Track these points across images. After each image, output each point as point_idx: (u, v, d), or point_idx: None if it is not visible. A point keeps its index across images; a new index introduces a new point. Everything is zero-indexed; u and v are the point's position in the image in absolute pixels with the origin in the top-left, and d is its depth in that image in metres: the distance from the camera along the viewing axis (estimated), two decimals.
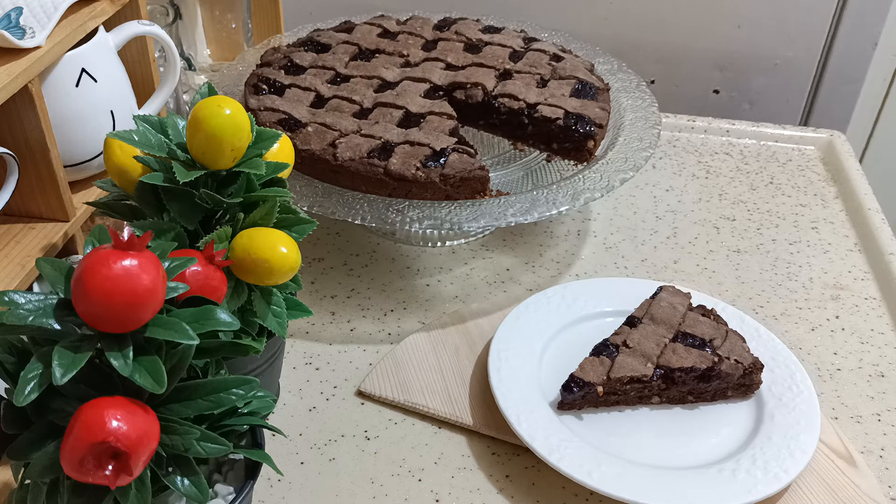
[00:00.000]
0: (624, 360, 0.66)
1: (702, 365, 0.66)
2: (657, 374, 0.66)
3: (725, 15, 1.13)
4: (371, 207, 0.71)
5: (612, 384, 0.65)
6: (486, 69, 0.85)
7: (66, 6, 0.63)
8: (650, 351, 0.67)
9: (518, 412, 0.64)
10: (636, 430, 0.65)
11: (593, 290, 0.77)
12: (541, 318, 0.74)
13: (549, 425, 0.64)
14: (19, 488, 0.46)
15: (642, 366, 0.66)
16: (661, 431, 0.66)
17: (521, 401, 0.65)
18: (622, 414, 0.67)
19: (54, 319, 0.42)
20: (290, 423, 0.67)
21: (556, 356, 0.71)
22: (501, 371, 0.68)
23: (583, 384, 0.65)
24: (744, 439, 0.65)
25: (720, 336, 0.69)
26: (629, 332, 0.69)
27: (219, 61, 1.03)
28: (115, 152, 0.55)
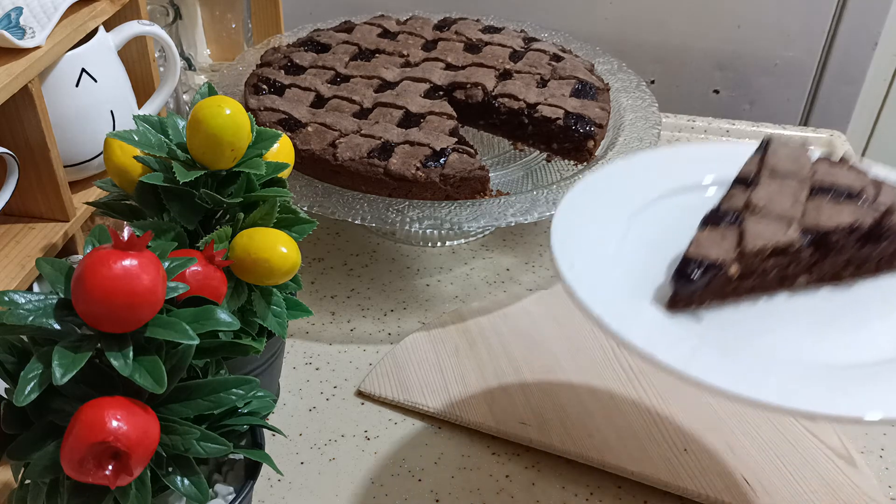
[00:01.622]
0: (756, 226, 0.49)
1: (866, 219, 0.49)
2: (806, 239, 0.49)
3: (725, 15, 1.13)
4: (371, 207, 0.71)
5: (749, 260, 0.48)
6: (486, 69, 0.85)
7: (66, 6, 0.63)
8: (788, 211, 0.50)
9: (619, 316, 0.46)
10: (780, 324, 0.48)
11: (673, 160, 0.61)
12: (604, 203, 0.57)
13: (666, 330, 0.47)
14: (19, 488, 0.46)
15: (783, 230, 0.49)
16: (821, 321, 0.49)
17: (615, 303, 0.48)
18: (756, 307, 0.50)
19: (54, 319, 0.42)
20: (290, 423, 0.67)
21: (641, 243, 0.53)
22: (575, 266, 0.50)
23: (707, 266, 0.47)
24: None
25: (870, 186, 0.52)
26: (748, 193, 0.52)
27: (219, 61, 1.03)
28: (115, 152, 0.55)
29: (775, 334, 0.48)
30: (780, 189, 0.52)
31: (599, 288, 0.48)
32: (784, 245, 0.48)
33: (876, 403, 0.42)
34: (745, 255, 0.47)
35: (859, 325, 0.49)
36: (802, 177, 0.53)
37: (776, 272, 0.49)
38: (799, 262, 0.49)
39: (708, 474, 0.63)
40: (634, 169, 0.60)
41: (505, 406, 0.67)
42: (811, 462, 0.64)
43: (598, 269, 0.50)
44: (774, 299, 0.50)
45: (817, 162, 0.55)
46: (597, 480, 0.63)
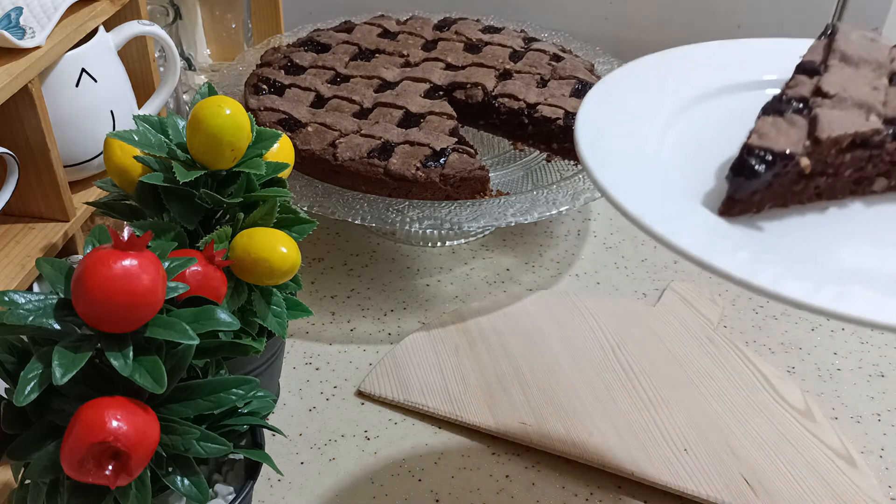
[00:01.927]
0: (830, 113, 0.41)
1: None
2: (891, 130, 0.41)
3: (725, 15, 1.13)
4: (371, 207, 0.71)
5: (823, 152, 0.40)
6: (486, 69, 0.85)
7: (66, 6, 0.63)
8: (867, 98, 0.42)
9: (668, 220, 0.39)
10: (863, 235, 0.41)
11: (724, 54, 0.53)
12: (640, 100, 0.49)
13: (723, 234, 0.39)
14: (19, 488, 0.46)
15: (863, 118, 0.41)
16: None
17: (659, 204, 0.40)
18: (823, 214, 0.42)
19: (54, 319, 0.42)
20: (289, 423, 0.67)
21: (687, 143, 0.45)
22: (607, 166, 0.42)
23: (773, 157, 0.39)
24: None
25: None
26: (817, 80, 0.45)
27: (219, 61, 1.03)
28: (115, 152, 0.55)
29: (853, 245, 0.40)
30: (855, 75, 0.44)
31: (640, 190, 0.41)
32: (867, 134, 0.40)
33: None
34: (821, 146, 0.40)
35: None
36: (880, 62, 0.45)
37: (852, 172, 0.41)
38: (881, 159, 0.41)
39: (708, 474, 0.63)
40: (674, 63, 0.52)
41: (505, 406, 0.67)
42: (811, 462, 0.64)
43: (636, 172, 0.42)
44: (848, 208, 0.42)
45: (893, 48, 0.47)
46: (597, 480, 0.63)
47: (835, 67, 0.46)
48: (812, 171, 0.40)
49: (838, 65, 0.46)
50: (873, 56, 0.46)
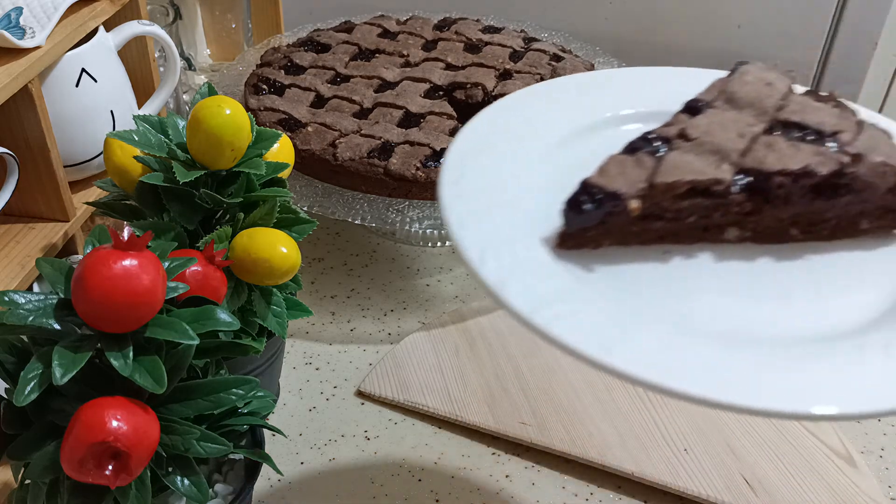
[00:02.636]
0: (680, 157, 0.40)
1: (822, 167, 0.39)
2: (740, 181, 0.39)
3: (725, 15, 1.13)
4: (371, 207, 0.71)
5: (657, 197, 0.39)
6: (487, 69, 0.85)
7: (66, 6, 0.63)
8: (727, 144, 0.41)
9: (484, 245, 0.39)
10: (696, 286, 0.39)
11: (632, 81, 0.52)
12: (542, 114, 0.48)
13: (538, 268, 0.39)
14: (19, 488, 0.46)
15: (712, 167, 0.39)
16: (741, 290, 0.39)
17: (494, 231, 0.40)
18: (665, 263, 0.40)
19: (54, 319, 0.42)
20: (290, 423, 0.67)
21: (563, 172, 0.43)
22: (465, 180, 0.42)
23: (603, 196, 0.38)
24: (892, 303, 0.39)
25: (849, 128, 0.42)
26: (689, 121, 0.43)
27: (219, 61, 1.03)
28: (115, 152, 0.55)
29: (689, 296, 0.38)
30: (731, 119, 0.42)
31: (479, 214, 0.40)
32: (706, 184, 0.39)
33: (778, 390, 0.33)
34: (655, 190, 0.39)
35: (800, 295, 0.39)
36: (765, 108, 0.43)
37: (697, 218, 0.40)
38: (728, 208, 0.40)
39: (708, 474, 0.63)
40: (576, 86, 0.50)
41: (505, 406, 0.67)
42: (811, 462, 0.64)
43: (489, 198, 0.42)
44: (699, 255, 0.41)
45: (795, 94, 0.45)
46: (597, 480, 0.63)
47: (716, 109, 0.45)
48: (646, 214, 0.39)
49: (722, 106, 0.45)
50: (761, 101, 0.44)
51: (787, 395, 0.33)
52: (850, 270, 0.41)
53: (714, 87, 0.47)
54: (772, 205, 0.40)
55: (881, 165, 0.40)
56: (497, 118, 0.47)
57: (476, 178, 0.43)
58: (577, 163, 0.43)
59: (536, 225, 0.41)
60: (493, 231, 0.40)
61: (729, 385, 0.33)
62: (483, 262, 0.38)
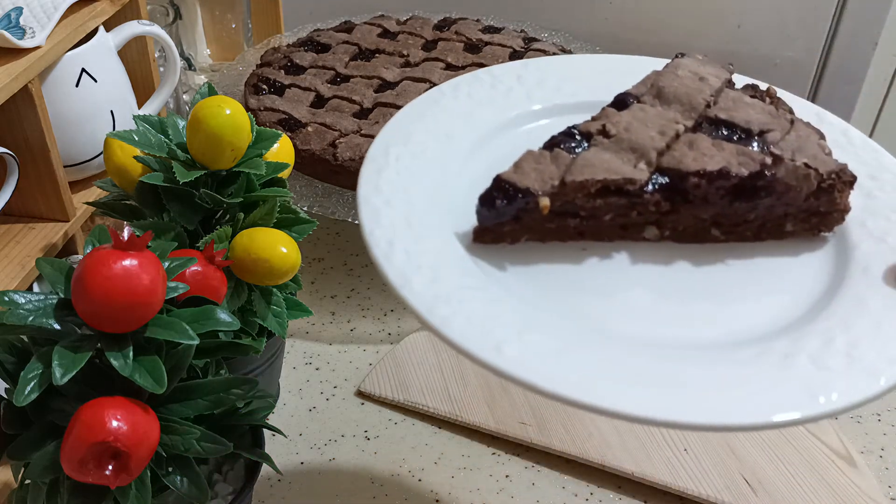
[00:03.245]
0: (596, 155, 0.39)
1: (740, 168, 0.39)
2: (656, 180, 0.39)
3: (725, 15, 1.13)
4: None
5: (569, 194, 0.39)
6: None
7: (66, 6, 0.63)
8: (646, 143, 0.40)
9: (392, 238, 0.38)
10: (610, 284, 0.39)
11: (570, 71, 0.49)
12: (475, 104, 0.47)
13: (449, 265, 0.38)
14: (19, 488, 0.46)
15: (628, 165, 0.39)
16: (655, 288, 0.39)
17: (406, 223, 0.39)
18: (580, 264, 0.40)
19: (54, 319, 0.42)
20: (289, 423, 0.67)
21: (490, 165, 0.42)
22: (384, 173, 0.42)
23: (514, 192, 0.38)
24: (810, 305, 0.38)
25: (780, 127, 0.41)
26: (614, 116, 0.43)
27: (219, 61, 1.03)
28: (115, 152, 0.55)
29: (598, 295, 0.38)
30: (655, 115, 0.41)
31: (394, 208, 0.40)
32: (619, 183, 0.38)
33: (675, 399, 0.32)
34: (565, 188, 0.38)
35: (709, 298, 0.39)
36: (693, 104, 0.42)
37: (613, 217, 0.39)
38: (644, 207, 0.39)
39: (708, 474, 0.63)
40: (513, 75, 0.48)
41: (505, 406, 0.67)
42: (811, 462, 0.64)
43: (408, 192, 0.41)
44: (616, 254, 0.40)
45: (729, 90, 0.44)
46: (597, 480, 0.63)
47: (643, 104, 0.43)
48: (558, 211, 0.39)
49: (650, 101, 0.44)
50: (690, 97, 0.43)
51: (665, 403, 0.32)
52: (769, 274, 0.40)
53: (647, 79, 0.45)
54: (690, 205, 0.39)
55: (803, 168, 0.39)
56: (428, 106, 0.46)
57: (396, 171, 0.42)
58: (503, 156, 0.42)
59: (453, 220, 0.40)
60: (404, 224, 0.39)
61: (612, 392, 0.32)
62: (389, 255, 0.37)
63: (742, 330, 0.36)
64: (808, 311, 0.37)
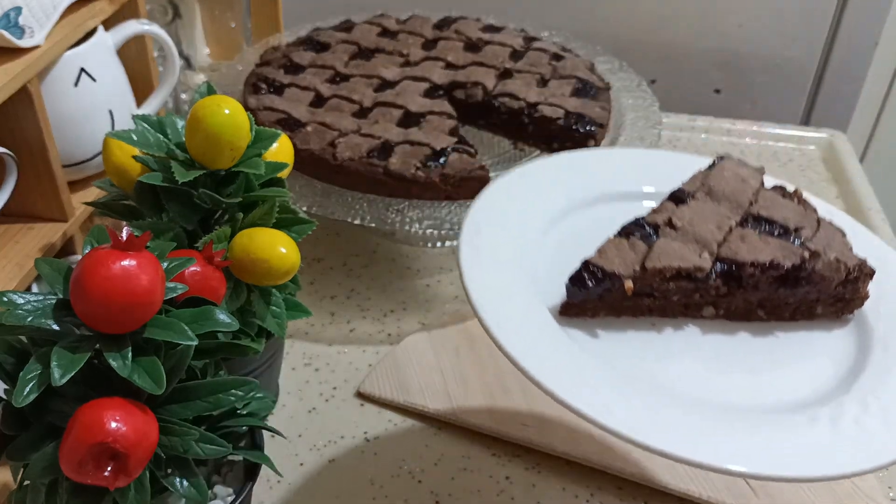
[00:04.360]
0: (668, 244, 0.46)
1: (786, 261, 0.46)
2: (717, 269, 0.46)
3: (726, 14, 1.13)
4: (371, 207, 0.71)
5: (648, 279, 0.46)
6: (487, 68, 0.85)
7: (64, 6, 0.63)
8: (707, 236, 0.47)
9: (499, 314, 0.43)
10: (678, 355, 0.46)
11: (621, 162, 0.58)
12: (544, 191, 0.54)
13: (546, 334, 0.44)
14: (18, 489, 0.46)
15: (695, 255, 0.46)
16: (716, 360, 0.46)
17: (506, 299, 0.45)
18: (657, 332, 0.47)
19: (53, 320, 0.42)
20: (289, 425, 0.67)
21: (563, 244, 0.50)
22: (481, 253, 0.47)
23: (603, 275, 0.45)
24: (842, 375, 0.45)
25: (810, 225, 0.49)
26: (675, 210, 0.50)
27: (218, 61, 1.03)
28: (113, 152, 0.55)
29: (671, 363, 0.46)
30: (710, 211, 0.49)
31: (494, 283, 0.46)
32: (689, 270, 0.46)
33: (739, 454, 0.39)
34: (646, 273, 0.45)
35: (763, 369, 0.47)
36: (740, 202, 0.50)
37: (680, 297, 0.46)
38: (707, 291, 0.46)
39: (708, 474, 0.63)
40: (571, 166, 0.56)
41: (505, 407, 0.67)
42: None
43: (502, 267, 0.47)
44: (682, 328, 0.48)
45: (765, 190, 0.52)
46: (597, 481, 0.63)
47: (697, 200, 0.51)
48: (636, 292, 0.45)
49: (703, 198, 0.51)
50: (736, 195, 0.51)
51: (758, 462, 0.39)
52: (806, 349, 0.47)
53: (696, 178, 0.53)
54: (743, 290, 0.47)
55: (835, 262, 0.46)
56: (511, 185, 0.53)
57: (488, 243, 0.48)
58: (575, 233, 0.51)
59: (543, 295, 0.46)
60: (505, 298, 0.45)
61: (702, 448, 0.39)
62: (498, 325, 0.43)
63: (795, 396, 0.44)
64: (842, 382, 0.45)
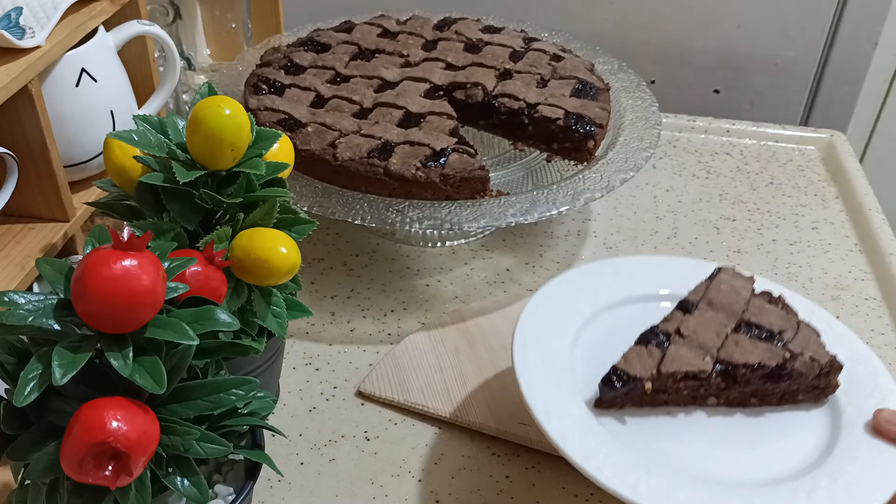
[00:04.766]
0: (677, 351, 0.58)
1: (771, 361, 0.57)
2: (717, 370, 0.57)
3: (726, 15, 1.13)
4: (371, 207, 0.71)
5: (663, 380, 0.57)
6: (486, 69, 0.85)
7: (65, 6, 0.63)
8: (709, 342, 0.59)
9: (547, 408, 0.55)
10: (690, 436, 0.58)
11: (638, 269, 0.69)
12: (572, 299, 0.65)
13: (585, 426, 0.56)
14: (19, 489, 0.46)
15: (699, 359, 0.58)
16: (719, 439, 0.58)
17: (551, 395, 0.57)
18: (671, 417, 0.59)
19: (54, 320, 0.42)
20: (289, 424, 0.67)
21: (594, 343, 0.62)
22: (528, 358, 0.59)
23: (627, 378, 0.56)
24: (818, 453, 0.57)
25: (791, 328, 0.60)
26: (683, 319, 0.61)
27: (219, 61, 1.03)
28: (114, 152, 0.55)
29: (682, 444, 0.57)
30: (710, 319, 0.61)
31: (542, 383, 0.57)
32: (695, 372, 0.58)
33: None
34: (661, 376, 0.57)
35: (754, 447, 0.58)
36: (734, 311, 0.62)
37: (688, 392, 0.59)
38: (710, 387, 0.59)
39: None
40: (599, 273, 0.69)
41: (505, 406, 0.67)
42: None
43: (547, 368, 0.59)
44: (691, 414, 0.60)
45: (754, 297, 0.64)
46: None
47: (700, 310, 0.62)
48: (654, 390, 0.57)
49: (704, 308, 0.62)
50: (730, 305, 0.62)
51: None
52: (790, 429, 0.59)
53: (699, 289, 0.65)
54: (738, 384, 0.59)
55: (810, 361, 0.58)
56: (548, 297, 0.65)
57: (535, 346, 0.60)
58: (605, 333, 0.64)
59: (580, 390, 0.59)
60: (551, 396, 0.57)
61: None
62: (548, 421, 0.55)
63: (780, 471, 0.55)
64: (818, 458, 0.56)
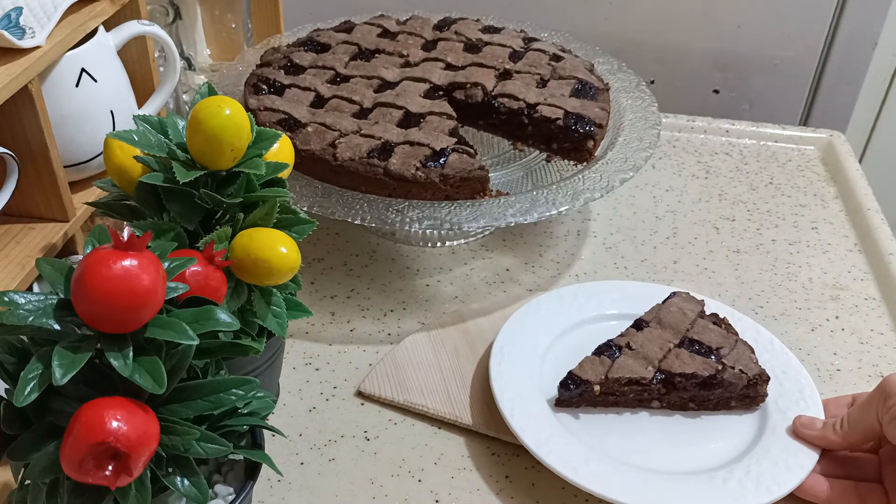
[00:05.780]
0: (625, 361, 0.66)
1: (704, 372, 0.65)
2: (657, 377, 0.66)
3: (725, 15, 1.13)
4: (371, 207, 0.71)
5: (610, 384, 0.65)
6: (486, 69, 0.85)
7: (66, 6, 0.63)
8: (652, 354, 0.67)
9: (513, 406, 0.65)
10: (632, 432, 0.65)
11: (605, 292, 0.77)
12: (549, 316, 0.74)
13: (544, 421, 0.64)
14: (19, 489, 0.46)
15: (643, 368, 0.66)
16: (658, 436, 0.65)
17: (519, 395, 0.66)
18: (620, 416, 0.67)
19: (54, 320, 0.42)
20: (289, 424, 0.67)
21: (561, 356, 0.70)
22: (502, 365, 0.68)
23: (580, 382, 0.65)
24: (741, 450, 0.64)
25: (728, 345, 0.68)
26: (634, 335, 0.69)
27: (219, 61, 1.03)
28: (114, 152, 0.55)
29: (626, 439, 0.65)
30: (658, 336, 0.69)
31: (512, 387, 0.66)
32: (637, 379, 0.66)
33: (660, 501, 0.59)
34: (609, 381, 0.66)
35: (686, 444, 0.65)
36: (679, 329, 0.70)
37: (634, 395, 0.67)
38: (652, 392, 0.66)
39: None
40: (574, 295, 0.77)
41: None
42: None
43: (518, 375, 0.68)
44: (637, 414, 0.67)
45: (701, 318, 0.72)
46: None
47: (650, 328, 0.70)
48: (603, 392, 0.66)
49: (654, 326, 0.70)
50: (677, 324, 0.70)
51: None
52: (721, 430, 0.66)
53: (653, 310, 0.73)
54: (676, 390, 0.66)
55: (739, 373, 0.66)
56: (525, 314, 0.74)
57: (508, 356, 0.69)
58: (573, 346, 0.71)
59: (544, 391, 0.67)
60: (518, 395, 0.66)
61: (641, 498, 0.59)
62: (512, 415, 0.64)
63: (704, 464, 0.63)
64: (739, 454, 0.64)
